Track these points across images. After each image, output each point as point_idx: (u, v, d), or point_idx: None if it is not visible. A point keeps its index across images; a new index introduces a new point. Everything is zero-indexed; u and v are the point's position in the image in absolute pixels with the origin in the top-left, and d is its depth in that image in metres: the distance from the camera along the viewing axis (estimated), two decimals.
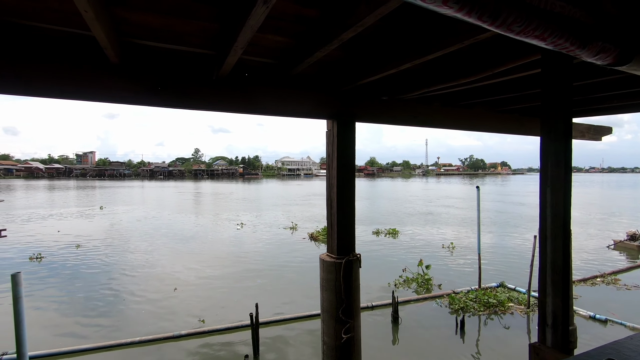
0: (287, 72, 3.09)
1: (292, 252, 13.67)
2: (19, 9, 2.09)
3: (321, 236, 15.71)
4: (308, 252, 13.62)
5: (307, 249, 14.11)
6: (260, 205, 31.90)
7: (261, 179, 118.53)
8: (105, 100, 2.60)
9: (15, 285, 4.82)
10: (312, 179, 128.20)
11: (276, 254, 13.22)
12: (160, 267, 11.46)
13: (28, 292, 8.46)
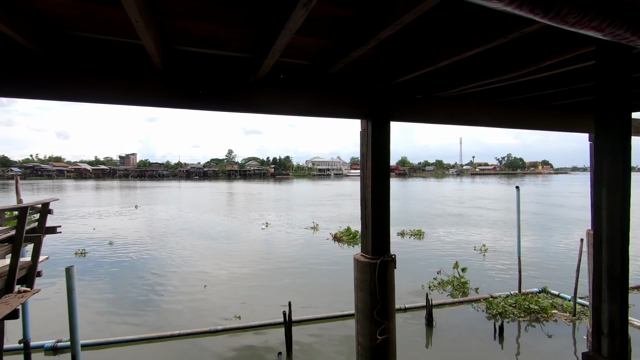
0: (322, 73, 3.11)
1: (316, 252, 13.78)
2: (76, 21, 2.26)
3: (345, 237, 15.63)
4: (332, 253, 13.69)
5: (331, 250, 14.18)
6: (287, 205, 32.32)
7: (292, 179, 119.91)
8: (151, 104, 2.75)
9: (69, 278, 5.21)
10: (342, 179, 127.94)
11: (301, 254, 13.37)
12: (191, 264, 11.95)
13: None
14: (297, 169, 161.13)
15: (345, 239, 15.42)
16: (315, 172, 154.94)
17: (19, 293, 5.09)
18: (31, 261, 5.70)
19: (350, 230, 16.11)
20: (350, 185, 74.31)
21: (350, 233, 15.84)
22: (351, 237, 15.57)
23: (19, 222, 5.26)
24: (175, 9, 2.08)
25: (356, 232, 15.87)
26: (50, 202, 5.93)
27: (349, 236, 15.66)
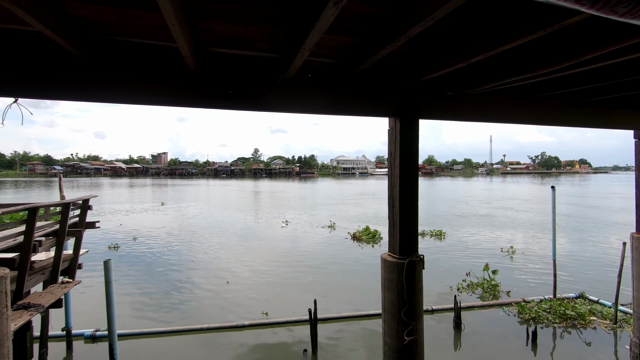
0: (349, 71, 3.10)
1: (336, 251, 13.78)
2: (114, 26, 2.37)
3: (364, 236, 15.48)
4: (352, 252, 13.65)
5: (351, 249, 14.15)
6: (308, 204, 32.48)
7: (316, 178, 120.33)
8: (185, 105, 2.84)
9: (106, 271, 5.47)
10: (367, 178, 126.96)
11: (321, 253, 13.42)
12: (214, 261, 12.26)
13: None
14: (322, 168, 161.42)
15: (364, 238, 15.31)
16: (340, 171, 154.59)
17: (62, 284, 5.42)
18: (73, 254, 6.05)
19: (369, 230, 15.98)
20: (375, 184, 73.59)
21: (369, 232, 15.71)
22: (370, 236, 15.45)
23: (62, 217, 5.60)
24: (208, 11, 2.14)
25: (375, 232, 15.72)
26: (89, 198, 6.27)
27: (367, 235, 15.54)
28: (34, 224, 4.61)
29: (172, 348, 6.22)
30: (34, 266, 4.98)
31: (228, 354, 5.99)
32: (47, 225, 5.71)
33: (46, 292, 5.10)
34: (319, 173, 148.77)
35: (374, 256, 12.89)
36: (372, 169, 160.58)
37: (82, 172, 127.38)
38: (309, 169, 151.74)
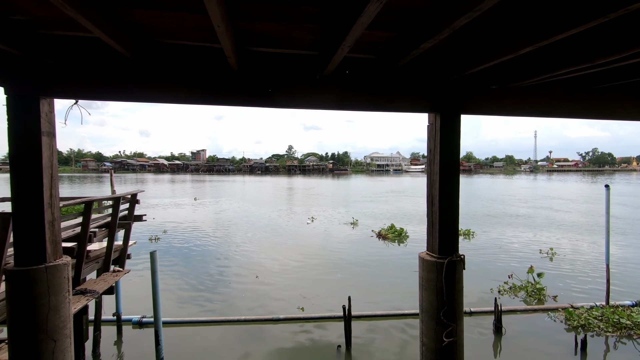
0: (388, 67, 3.05)
1: (363, 248, 13.66)
2: (164, 30, 2.50)
3: (390, 234, 15.25)
4: (379, 250, 13.49)
5: (377, 247, 13.99)
6: (337, 201, 32.35)
7: (350, 175, 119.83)
8: (227, 104, 2.94)
9: (152, 262, 5.79)
10: (401, 175, 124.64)
11: (348, 250, 13.35)
12: (245, 255, 12.55)
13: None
14: (355, 165, 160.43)
15: (390, 237, 15.11)
16: (374, 168, 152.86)
17: (113, 272, 5.82)
18: (122, 245, 6.47)
19: (394, 228, 15.77)
20: (408, 181, 72.01)
21: (395, 230, 15.51)
22: (396, 234, 15.24)
23: (113, 210, 6.00)
24: (250, 11, 2.20)
25: (401, 230, 15.53)
26: (137, 193, 6.67)
27: (394, 234, 15.33)
28: (90, 216, 4.98)
29: (212, 337, 6.48)
30: (89, 255, 5.39)
31: (265, 345, 6.15)
32: (100, 218, 6.15)
33: (100, 279, 5.51)
34: (352, 170, 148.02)
35: (401, 255, 12.70)
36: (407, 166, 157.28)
37: (129, 168, 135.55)
38: (342, 166, 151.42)
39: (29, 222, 2.75)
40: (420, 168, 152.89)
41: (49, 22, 2.40)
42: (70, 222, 5.56)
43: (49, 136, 2.81)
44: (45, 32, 2.57)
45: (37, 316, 2.72)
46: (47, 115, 2.81)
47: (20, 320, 2.72)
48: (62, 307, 2.84)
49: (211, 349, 6.03)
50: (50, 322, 2.77)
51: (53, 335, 2.78)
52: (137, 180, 72.91)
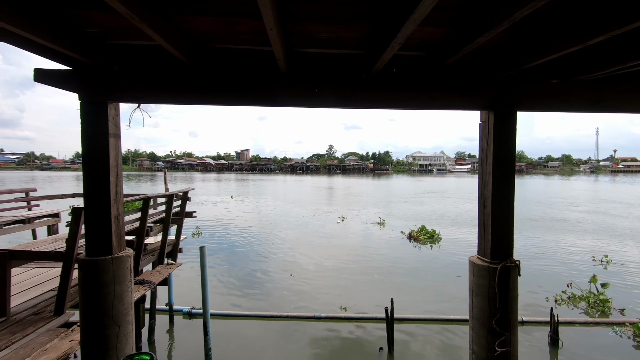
0: (437, 63, 2.95)
1: (396, 250, 13.35)
2: (217, 35, 2.61)
3: (422, 236, 14.82)
4: (412, 252, 13.13)
5: (409, 248, 13.59)
6: (373, 201, 31.79)
7: (391, 175, 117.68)
8: (275, 104, 3.01)
9: (202, 256, 6.08)
10: (445, 175, 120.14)
11: (381, 251, 13.10)
12: (280, 252, 12.71)
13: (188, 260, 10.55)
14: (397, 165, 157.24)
15: (422, 238, 14.70)
16: (416, 168, 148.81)
17: (167, 265, 6.20)
18: (175, 239, 6.87)
19: (425, 229, 15.38)
20: (451, 182, 69.11)
21: (427, 232, 15.12)
22: (428, 236, 14.85)
23: (167, 206, 6.39)
24: (300, 13, 2.23)
25: (433, 232, 15.14)
26: (188, 190, 7.04)
27: (425, 235, 14.92)
28: (147, 211, 5.35)
29: (255, 331, 6.68)
30: (146, 248, 5.79)
31: (306, 342, 6.23)
32: (155, 214, 6.58)
33: (155, 271, 5.89)
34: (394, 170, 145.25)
35: (437, 257, 12.28)
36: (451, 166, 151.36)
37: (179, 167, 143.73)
38: (383, 166, 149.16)
39: (98, 217, 3.01)
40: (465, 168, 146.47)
41: (117, 33, 2.61)
42: (130, 217, 6.00)
43: (115, 138, 3.06)
44: (112, 42, 2.80)
45: (104, 303, 2.97)
46: (114, 118, 3.06)
47: (90, 306, 2.99)
48: (125, 295, 3.08)
49: (255, 342, 6.21)
50: (115, 309, 3.01)
51: (118, 320, 3.02)
52: (185, 179, 77.02)
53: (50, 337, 3.41)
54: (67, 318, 3.86)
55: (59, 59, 2.83)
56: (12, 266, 3.90)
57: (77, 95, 2.96)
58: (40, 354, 3.07)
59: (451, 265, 11.10)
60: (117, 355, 3.02)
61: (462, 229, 17.37)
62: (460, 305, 7.49)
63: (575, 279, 8.77)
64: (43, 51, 2.64)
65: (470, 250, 12.83)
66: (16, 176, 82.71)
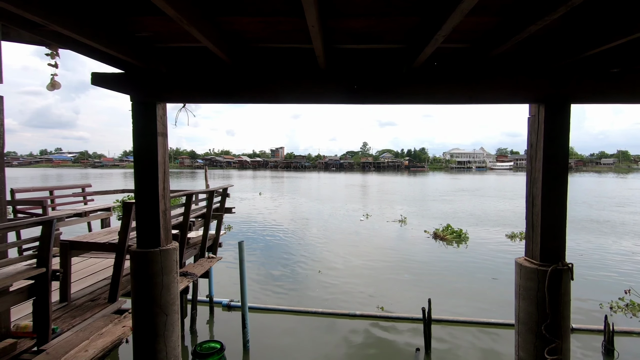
0: (482, 55, 2.82)
1: (423, 248, 13.07)
2: (259, 34, 2.67)
3: (449, 235, 14.38)
4: (439, 251, 12.75)
5: (436, 248, 13.22)
6: (399, 199, 31.13)
7: (427, 172, 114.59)
8: (314, 102, 3.03)
9: (240, 251, 6.26)
10: (485, 172, 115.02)
11: (407, 250, 12.86)
12: (307, 249, 12.79)
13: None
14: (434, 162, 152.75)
15: (449, 238, 14.26)
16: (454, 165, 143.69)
17: (208, 258, 6.46)
18: (215, 234, 7.14)
19: (452, 228, 14.96)
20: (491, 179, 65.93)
21: (453, 231, 14.70)
22: (455, 235, 14.43)
23: (208, 202, 6.65)
24: (341, 9, 2.22)
25: (460, 231, 14.70)
26: (228, 187, 7.28)
27: (452, 234, 14.49)
28: (190, 207, 5.59)
29: (291, 325, 6.79)
30: (189, 242, 6.06)
31: (340, 339, 6.24)
32: (197, 209, 6.87)
33: (197, 264, 6.16)
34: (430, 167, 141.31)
35: (466, 257, 11.87)
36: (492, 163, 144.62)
37: (217, 165, 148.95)
38: (419, 163, 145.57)
39: (147, 211, 3.19)
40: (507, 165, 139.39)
41: (165, 36, 2.74)
42: (173, 212, 6.31)
43: (163, 136, 3.23)
44: (161, 45, 2.94)
45: (153, 292, 3.15)
46: (162, 118, 3.22)
47: (140, 295, 3.18)
48: (172, 285, 3.24)
49: (290, 336, 6.32)
50: (163, 298, 3.19)
51: (165, 309, 3.19)
52: (223, 176, 79.68)
53: (105, 322, 3.68)
54: (119, 305, 4.15)
55: (113, 62, 3.02)
56: (72, 255, 4.24)
57: (129, 96, 3.15)
58: (97, 337, 3.32)
59: (486, 267, 10.67)
60: (165, 342, 3.20)
61: (491, 229, 16.68)
62: (501, 309, 7.17)
63: (627, 286, 8.06)
64: (100, 56, 2.83)
65: (503, 252, 12.31)
66: (72, 173, 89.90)
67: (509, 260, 11.35)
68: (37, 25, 2.29)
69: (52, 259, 3.20)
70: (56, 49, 3.75)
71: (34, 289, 3.11)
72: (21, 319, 3.51)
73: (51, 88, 3.93)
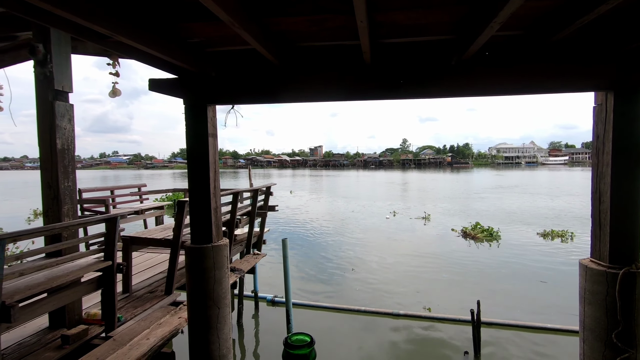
0: (541, 41, 2.63)
1: (455, 247, 12.57)
2: (305, 33, 2.69)
3: (480, 234, 13.71)
4: (472, 250, 12.18)
5: (468, 247, 12.63)
6: (436, 196, 29.93)
7: (471, 168, 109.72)
8: (360, 98, 3.01)
9: (284, 248, 6.39)
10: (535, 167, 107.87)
11: (439, 249, 12.39)
12: (345, 248, 12.71)
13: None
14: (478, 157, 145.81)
15: (480, 236, 13.61)
16: (501, 160, 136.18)
17: (253, 255, 6.66)
18: (259, 231, 7.34)
19: (480, 226, 14.32)
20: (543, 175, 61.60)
21: (484, 230, 14.07)
22: (486, 234, 13.81)
23: (253, 200, 6.85)
24: (389, 3, 2.18)
25: (491, 229, 14.04)
26: (271, 186, 7.45)
27: (483, 233, 13.85)
28: (237, 205, 5.80)
29: (334, 323, 6.81)
30: (236, 239, 6.28)
31: (385, 338, 6.16)
32: (242, 207, 7.10)
33: (244, 260, 6.38)
34: (475, 163, 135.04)
35: (503, 257, 11.24)
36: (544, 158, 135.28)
37: (257, 164, 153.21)
38: (462, 159, 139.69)
39: (200, 208, 3.35)
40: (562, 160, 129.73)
41: (215, 41, 2.86)
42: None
43: (213, 137, 3.37)
44: (211, 49, 3.07)
45: (206, 286, 3.30)
46: (212, 119, 3.36)
47: (194, 288, 3.35)
48: (223, 280, 3.38)
49: (334, 334, 6.34)
50: (215, 292, 3.33)
51: (217, 303, 3.34)
52: (264, 175, 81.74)
53: (163, 313, 3.92)
54: (174, 298, 4.40)
55: (167, 68, 3.20)
56: (132, 250, 4.57)
57: (182, 100, 3.32)
58: (157, 327, 3.55)
59: (527, 268, 10.03)
60: (217, 334, 3.35)
61: (525, 227, 15.71)
62: (556, 315, 6.70)
63: None
64: (156, 63, 3.01)
65: (542, 253, 11.58)
66: (127, 174, 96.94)
67: (551, 261, 10.71)
68: (103, 36, 2.48)
69: (116, 253, 3.47)
70: (116, 59, 4.06)
71: (102, 281, 3.39)
72: (90, 308, 3.85)
73: (113, 95, 4.27)
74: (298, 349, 3.05)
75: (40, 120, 3.34)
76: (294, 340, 3.25)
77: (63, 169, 3.36)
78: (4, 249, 2.31)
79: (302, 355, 3.02)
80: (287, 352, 3.09)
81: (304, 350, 3.10)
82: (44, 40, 3.23)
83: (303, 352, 3.06)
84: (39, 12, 2.09)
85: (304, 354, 3.05)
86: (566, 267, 10.03)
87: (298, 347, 3.05)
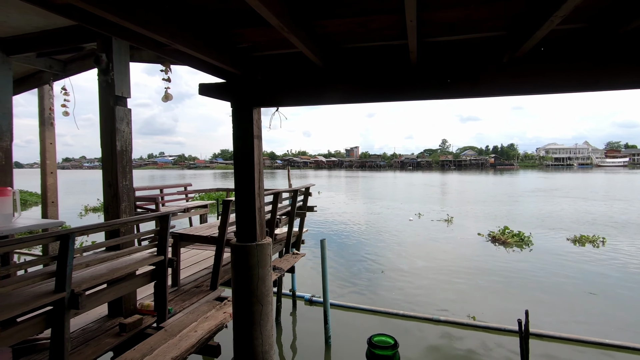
0: (605, 34, 2.44)
1: (485, 252, 11.93)
2: (350, 35, 2.70)
3: (510, 239, 12.94)
4: (504, 255, 11.52)
5: (498, 252, 11.97)
6: (468, 199, 28.62)
7: (517, 170, 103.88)
8: (405, 99, 2.96)
9: (322, 248, 6.42)
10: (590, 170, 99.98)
11: (470, 254, 11.82)
12: (368, 248, 12.54)
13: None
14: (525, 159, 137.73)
15: (511, 241, 12.84)
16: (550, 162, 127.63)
17: (293, 254, 6.76)
18: (298, 231, 7.44)
19: (511, 231, 13.63)
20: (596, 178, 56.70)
21: (515, 234, 13.34)
22: (517, 239, 13.03)
23: (292, 200, 6.95)
24: (438, 0, 2.12)
25: (522, 234, 13.27)
26: (310, 186, 7.53)
27: (513, 238, 13.09)
28: (277, 205, 5.92)
29: (370, 325, 6.72)
30: (276, 238, 6.42)
31: (424, 345, 6.00)
32: (282, 207, 7.23)
33: (284, 259, 6.49)
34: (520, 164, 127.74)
35: (538, 264, 10.57)
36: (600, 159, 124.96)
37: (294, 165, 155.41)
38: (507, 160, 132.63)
39: (246, 208, 3.47)
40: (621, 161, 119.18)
41: (262, 45, 2.94)
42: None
43: (258, 139, 3.47)
44: (257, 54, 3.17)
45: (250, 283, 3.41)
46: (257, 122, 3.47)
47: (239, 285, 3.47)
48: (266, 278, 3.47)
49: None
50: (259, 289, 3.43)
51: (261, 300, 3.43)
52: (300, 176, 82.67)
53: (208, 307, 4.10)
54: (219, 293, 4.58)
55: (216, 73, 3.35)
56: (180, 246, 4.82)
57: (229, 103, 3.46)
58: (204, 320, 3.71)
59: (573, 278, 9.27)
60: (260, 330, 3.44)
61: (560, 234, 14.56)
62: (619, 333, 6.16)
63: None
64: (207, 68, 3.16)
65: (583, 262, 10.69)
66: (173, 174, 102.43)
67: (592, 270, 9.93)
68: (160, 44, 2.64)
69: (167, 248, 3.67)
70: (169, 65, 4.30)
71: (155, 274, 3.60)
72: (143, 299, 4.10)
73: (165, 99, 4.53)
74: (383, 349, 3.05)
75: (102, 124, 3.61)
76: (376, 340, 3.27)
77: (122, 169, 3.61)
78: (74, 242, 2.53)
79: (387, 357, 3.01)
80: (371, 352, 3.10)
81: (388, 352, 3.10)
82: (107, 50, 3.49)
83: (387, 354, 3.05)
84: (106, 24, 2.27)
85: (388, 355, 3.03)
86: (612, 278, 9.27)
87: (383, 348, 3.05)
